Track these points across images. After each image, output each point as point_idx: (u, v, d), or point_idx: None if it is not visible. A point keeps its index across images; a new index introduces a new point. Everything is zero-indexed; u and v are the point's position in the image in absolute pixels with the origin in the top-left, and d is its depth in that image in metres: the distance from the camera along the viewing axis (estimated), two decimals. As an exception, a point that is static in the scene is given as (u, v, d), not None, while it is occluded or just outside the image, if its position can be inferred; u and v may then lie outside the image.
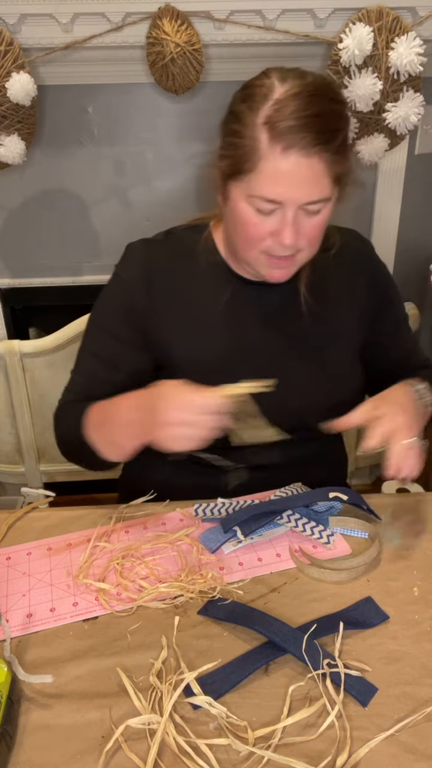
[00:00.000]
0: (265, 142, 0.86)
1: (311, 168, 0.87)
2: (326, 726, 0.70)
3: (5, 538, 0.98)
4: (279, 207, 0.90)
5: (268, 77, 0.89)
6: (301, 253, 0.96)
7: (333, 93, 0.90)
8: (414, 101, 1.64)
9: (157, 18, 1.57)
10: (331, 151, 0.87)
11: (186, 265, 1.06)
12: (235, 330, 1.06)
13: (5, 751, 0.68)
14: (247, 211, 0.91)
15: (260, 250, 0.95)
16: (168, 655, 0.78)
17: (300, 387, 1.07)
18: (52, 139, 1.78)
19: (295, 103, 0.85)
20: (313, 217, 0.92)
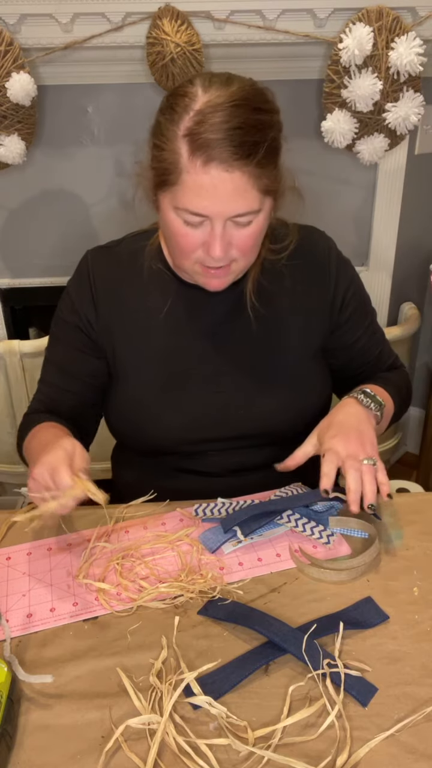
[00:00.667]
0: (186, 156, 0.84)
1: (233, 182, 0.84)
2: (326, 726, 0.70)
3: (5, 538, 0.98)
4: (206, 219, 0.88)
5: (193, 85, 0.86)
6: (236, 263, 0.94)
7: (259, 102, 0.86)
8: (414, 101, 1.64)
9: (157, 18, 1.57)
10: (254, 164, 0.84)
11: (132, 272, 1.06)
12: (180, 337, 1.05)
13: (5, 751, 0.68)
14: (176, 222, 0.90)
15: (193, 260, 0.94)
16: (168, 655, 0.78)
17: (250, 394, 1.06)
18: (52, 139, 1.78)
19: (216, 115, 0.82)
20: (244, 228, 0.90)
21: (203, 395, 1.05)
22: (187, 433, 1.06)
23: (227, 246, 0.90)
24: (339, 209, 1.91)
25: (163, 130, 0.87)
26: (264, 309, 1.04)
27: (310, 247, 1.07)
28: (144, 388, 1.06)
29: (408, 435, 2.42)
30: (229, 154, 0.82)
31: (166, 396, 1.06)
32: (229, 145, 0.82)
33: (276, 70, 1.71)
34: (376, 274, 2.01)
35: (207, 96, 0.84)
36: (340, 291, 1.08)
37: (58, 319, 1.11)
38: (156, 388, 1.06)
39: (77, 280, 1.09)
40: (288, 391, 1.07)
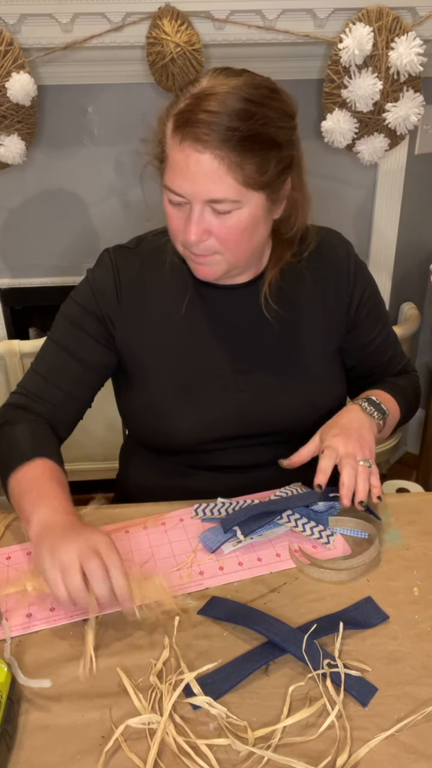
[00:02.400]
0: (169, 133, 0.88)
1: (205, 164, 0.86)
2: (326, 726, 0.70)
3: (5, 538, 0.98)
4: (186, 201, 0.90)
5: (204, 75, 0.90)
6: (220, 255, 0.94)
7: (256, 95, 0.87)
8: (414, 101, 1.64)
9: (157, 18, 1.57)
10: (227, 148, 0.84)
11: (153, 272, 1.06)
12: (199, 336, 1.06)
13: (5, 751, 0.68)
14: (166, 203, 0.93)
15: (181, 243, 0.95)
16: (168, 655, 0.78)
17: (266, 392, 1.07)
18: (52, 139, 1.78)
19: (206, 99, 0.85)
20: (223, 217, 0.90)
21: (221, 394, 1.06)
22: (205, 431, 1.06)
23: (203, 232, 0.91)
24: (339, 209, 1.91)
25: (166, 110, 0.91)
26: (282, 309, 1.05)
27: (329, 248, 1.09)
28: (163, 387, 1.06)
29: (408, 435, 2.42)
30: (202, 134, 0.85)
31: (185, 394, 1.06)
32: (204, 127, 0.84)
33: (276, 70, 1.70)
34: (376, 274, 1.99)
35: (209, 83, 0.88)
36: (357, 292, 1.10)
37: (75, 304, 1.07)
38: (175, 386, 1.06)
39: (101, 272, 1.07)
40: (305, 390, 1.08)
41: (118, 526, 0.99)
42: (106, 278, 1.06)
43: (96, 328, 1.06)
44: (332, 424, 1.01)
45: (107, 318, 1.05)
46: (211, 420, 1.06)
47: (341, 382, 1.14)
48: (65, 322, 1.08)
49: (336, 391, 1.12)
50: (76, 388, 1.07)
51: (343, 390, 1.15)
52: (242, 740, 0.69)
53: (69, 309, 1.09)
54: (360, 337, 1.13)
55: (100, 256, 1.09)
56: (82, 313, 1.06)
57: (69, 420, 1.09)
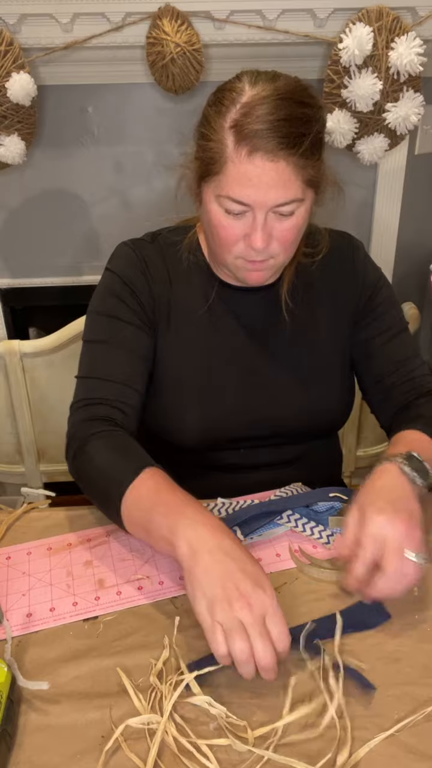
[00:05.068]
0: (231, 146, 0.87)
1: (277, 171, 0.86)
2: (326, 725, 0.70)
3: (5, 538, 0.98)
4: (248, 210, 0.89)
5: (240, 81, 0.90)
6: (277, 257, 0.95)
7: (304, 96, 0.89)
8: (414, 101, 1.64)
9: (157, 18, 1.57)
10: (298, 154, 0.86)
11: (170, 268, 1.06)
12: (216, 334, 1.06)
13: (5, 751, 0.68)
14: (218, 213, 0.92)
15: (235, 254, 0.95)
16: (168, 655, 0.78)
17: (281, 392, 1.07)
18: (52, 139, 1.78)
19: (262, 107, 0.85)
20: (286, 220, 0.91)
21: (237, 395, 1.06)
22: (219, 431, 1.07)
23: (268, 237, 0.91)
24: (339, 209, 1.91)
25: (210, 122, 0.90)
26: (298, 311, 1.06)
27: (343, 251, 1.10)
28: (180, 386, 1.06)
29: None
30: (275, 144, 0.85)
31: (199, 392, 1.06)
32: (274, 136, 0.84)
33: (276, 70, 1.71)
34: (376, 274, 2.01)
35: (254, 90, 0.87)
36: (366, 290, 1.10)
37: (107, 299, 1.03)
38: (192, 386, 1.06)
39: (128, 265, 1.04)
40: (319, 390, 1.08)
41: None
42: (135, 269, 1.04)
43: (135, 314, 1.03)
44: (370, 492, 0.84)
45: (141, 300, 1.03)
46: (226, 420, 1.06)
47: (350, 390, 1.14)
48: (102, 319, 1.03)
49: (344, 397, 1.13)
50: (131, 378, 1.00)
51: (351, 397, 1.15)
52: (242, 740, 0.68)
53: (102, 305, 1.04)
54: (367, 330, 1.10)
55: (117, 251, 1.07)
56: (116, 303, 1.02)
57: (133, 412, 1.00)
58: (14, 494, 2.20)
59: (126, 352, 1.01)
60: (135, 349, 1.02)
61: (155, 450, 1.14)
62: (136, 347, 1.02)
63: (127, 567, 0.91)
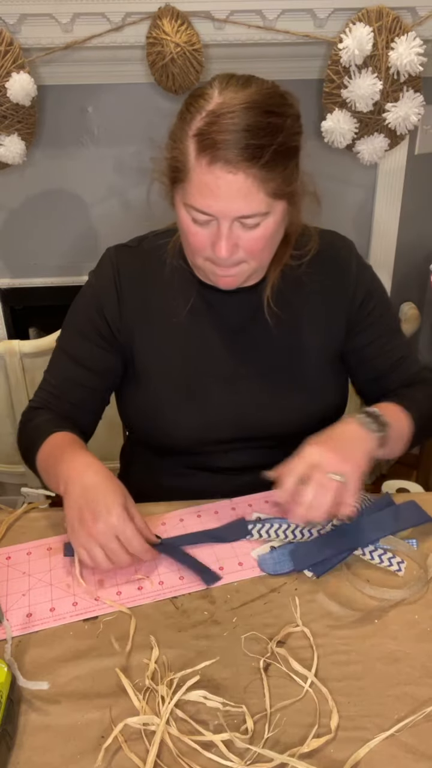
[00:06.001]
0: (193, 155, 0.86)
1: (237, 183, 0.84)
2: (325, 726, 0.70)
3: (5, 538, 0.98)
4: (213, 219, 0.89)
5: (211, 86, 0.87)
6: (246, 264, 0.94)
7: (273, 105, 0.86)
8: (414, 101, 1.64)
9: (157, 18, 1.57)
10: (258, 166, 0.84)
11: (154, 271, 1.06)
12: (200, 338, 1.06)
13: (5, 751, 0.68)
14: (186, 219, 0.91)
15: (204, 257, 0.94)
16: (167, 654, 0.78)
17: (264, 395, 1.06)
18: (52, 139, 1.78)
19: (226, 117, 0.83)
20: (252, 230, 0.90)
21: (221, 396, 1.06)
22: (204, 433, 1.06)
23: (233, 247, 0.90)
24: (339, 209, 1.91)
25: (176, 129, 0.89)
26: (283, 313, 1.05)
27: (331, 253, 1.08)
28: (164, 388, 1.06)
29: (408, 435, 2.42)
30: (234, 155, 0.83)
31: (185, 396, 1.06)
32: (234, 147, 0.83)
33: (276, 70, 1.71)
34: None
35: (221, 97, 0.85)
36: (360, 292, 1.08)
37: (79, 311, 1.09)
38: (176, 388, 1.06)
39: (101, 275, 1.07)
40: (304, 394, 1.07)
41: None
42: (106, 279, 1.06)
43: (100, 335, 1.06)
44: (322, 434, 0.94)
45: (109, 321, 1.06)
46: (210, 422, 1.06)
47: (340, 390, 1.13)
48: (70, 331, 1.10)
49: (334, 397, 1.11)
50: (88, 396, 1.10)
51: (341, 398, 1.13)
52: (242, 739, 0.68)
53: (73, 317, 1.10)
54: (363, 336, 1.10)
55: (102, 256, 1.09)
56: (85, 321, 1.07)
57: (87, 424, 1.12)
58: (14, 494, 2.20)
59: (84, 369, 1.08)
60: (93, 367, 1.08)
61: (144, 452, 1.15)
62: (95, 366, 1.08)
63: (127, 567, 0.91)
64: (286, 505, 0.88)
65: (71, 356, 1.09)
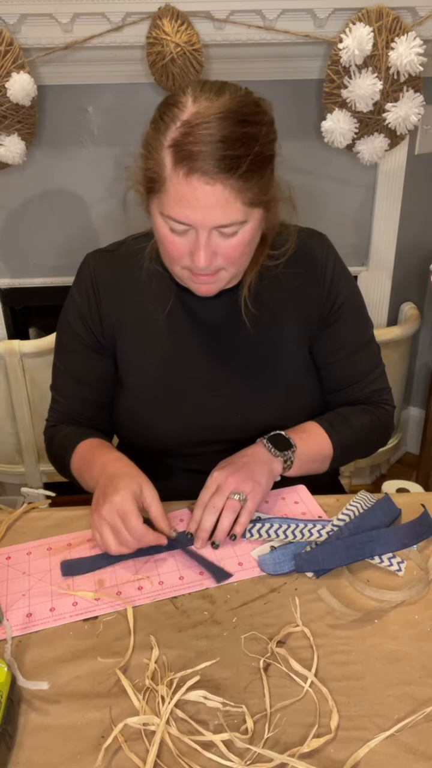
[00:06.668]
0: (169, 166, 0.85)
1: (215, 194, 0.84)
2: (325, 726, 0.70)
3: (5, 538, 0.98)
4: (190, 228, 0.88)
5: (185, 94, 0.87)
6: (225, 271, 0.94)
7: (247, 114, 0.85)
8: (414, 101, 1.64)
9: (157, 18, 1.57)
10: (235, 177, 0.83)
11: (132, 275, 1.06)
12: (178, 340, 1.06)
13: (5, 751, 0.68)
14: (163, 229, 0.91)
15: (181, 266, 0.94)
16: (167, 655, 0.78)
17: (245, 397, 1.07)
18: (52, 139, 1.78)
19: (201, 127, 0.82)
20: (229, 238, 0.90)
21: (201, 398, 1.06)
22: (187, 435, 1.07)
23: (212, 255, 0.90)
24: (339, 209, 1.91)
25: (150, 139, 0.88)
26: (261, 314, 1.04)
27: (308, 251, 1.06)
28: (145, 390, 1.07)
29: (408, 435, 2.42)
30: (211, 167, 0.82)
31: (166, 398, 1.06)
32: (211, 159, 0.82)
33: (276, 70, 1.71)
34: (376, 274, 2.01)
35: (195, 107, 0.84)
36: (333, 294, 1.07)
37: (66, 327, 1.11)
38: (156, 390, 1.07)
39: (80, 284, 1.09)
40: (281, 396, 1.07)
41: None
42: (84, 287, 1.08)
43: (89, 346, 1.09)
44: (229, 458, 1.01)
45: (93, 329, 1.07)
46: (191, 424, 1.06)
47: (317, 391, 1.12)
48: (62, 349, 1.13)
49: (312, 397, 1.11)
50: (97, 408, 1.13)
51: (318, 398, 1.13)
52: (242, 739, 0.68)
53: (62, 335, 1.13)
54: (331, 339, 1.09)
55: (80, 267, 1.10)
56: (72, 336, 1.10)
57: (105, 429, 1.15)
58: (14, 494, 2.20)
59: (83, 385, 1.11)
60: (91, 382, 1.11)
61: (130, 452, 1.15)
62: (92, 379, 1.11)
63: (127, 567, 0.91)
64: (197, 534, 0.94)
65: (70, 374, 1.12)
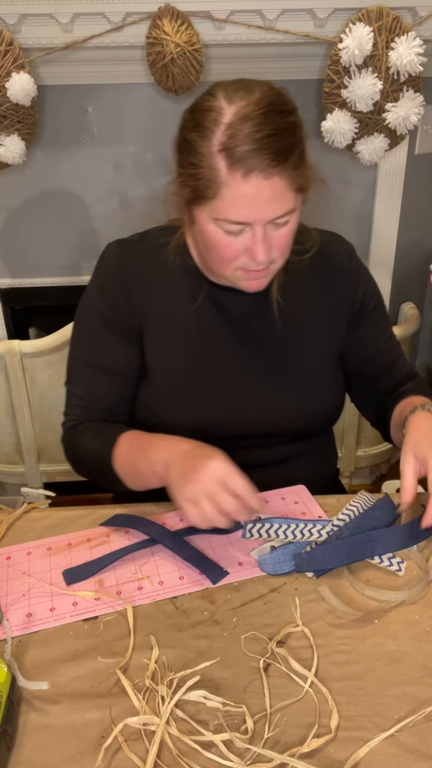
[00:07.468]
0: (224, 170, 0.85)
1: (273, 187, 0.86)
2: (325, 726, 0.70)
3: (5, 538, 0.98)
4: (246, 226, 0.89)
5: (215, 98, 0.87)
6: (275, 263, 0.96)
7: (283, 105, 0.87)
8: (414, 101, 1.64)
9: (157, 18, 1.57)
10: (291, 166, 0.86)
11: (159, 267, 1.06)
12: (204, 334, 1.06)
13: (5, 751, 0.68)
14: (216, 233, 0.91)
15: (234, 267, 0.95)
16: (167, 654, 0.78)
17: (271, 391, 1.07)
18: (52, 139, 1.78)
19: (248, 126, 0.83)
20: (282, 228, 0.91)
21: (223, 393, 1.06)
22: (204, 429, 1.06)
23: (268, 248, 0.91)
24: (339, 209, 1.91)
25: (195, 147, 0.88)
26: (288, 309, 1.06)
27: (332, 251, 1.09)
28: (166, 382, 1.06)
29: (408, 435, 2.42)
30: (267, 162, 0.84)
31: (187, 391, 1.06)
32: (265, 154, 0.84)
33: (276, 70, 1.71)
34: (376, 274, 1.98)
35: (233, 107, 0.85)
36: (359, 292, 1.10)
37: (92, 315, 1.07)
38: (178, 382, 1.06)
39: (107, 272, 1.07)
40: (304, 393, 1.08)
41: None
42: (112, 274, 1.06)
43: (117, 332, 1.05)
44: (417, 439, 0.94)
45: (122, 316, 1.05)
46: (212, 418, 1.06)
47: (340, 388, 1.14)
48: (85, 339, 1.08)
49: (335, 396, 1.13)
50: (117, 398, 1.08)
51: (341, 398, 1.15)
52: (242, 739, 0.68)
53: (84, 321, 1.08)
54: (362, 336, 1.12)
55: (103, 252, 1.08)
56: (97, 321, 1.06)
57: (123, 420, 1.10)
58: (14, 494, 2.20)
59: (110, 374, 1.07)
60: (118, 370, 1.07)
61: None
62: (119, 367, 1.07)
63: (127, 567, 0.91)
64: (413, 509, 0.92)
65: (93, 364, 1.07)
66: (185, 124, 0.91)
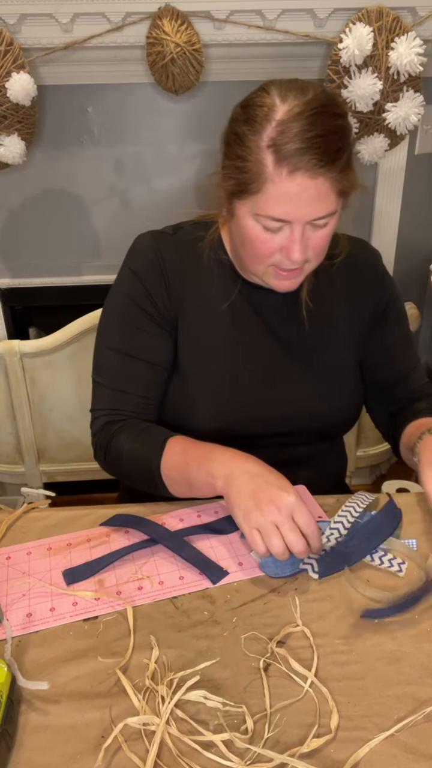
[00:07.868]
0: (271, 166, 0.86)
1: (317, 188, 0.87)
2: (325, 726, 0.70)
3: (5, 538, 0.98)
4: (286, 224, 0.90)
5: (269, 95, 0.88)
6: (309, 263, 0.97)
7: (335, 107, 0.89)
8: (414, 101, 1.64)
9: (157, 18, 1.57)
10: (337, 169, 0.87)
11: (192, 261, 1.06)
12: (236, 332, 1.06)
13: (5, 751, 0.68)
14: (255, 229, 0.92)
15: (268, 264, 0.95)
16: (167, 654, 0.78)
17: (297, 391, 1.08)
18: (52, 139, 1.78)
19: (299, 124, 0.85)
20: (320, 230, 0.93)
21: (255, 391, 1.07)
22: (226, 425, 1.06)
23: (305, 249, 0.92)
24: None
25: (244, 140, 0.89)
26: (317, 311, 1.07)
27: (361, 256, 1.12)
28: (198, 380, 1.06)
29: (408, 435, 2.42)
30: (314, 162, 0.85)
31: (218, 389, 1.06)
32: (314, 154, 0.85)
33: (276, 70, 1.71)
34: (376, 274, 2.01)
35: (286, 105, 0.86)
36: (384, 300, 1.12)
37: (122, 306, 1.05)
38: (207, 380, 1.06)
39: (144, 262, 1.05)
40: (331, 392, 1.10)
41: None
42: (150, 263, 1.05)
43: (154, 321, 1.04)
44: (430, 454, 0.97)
45: (160, 305, 1.04)
46: (238, 416, 1.06)
47: (360, 392, 1.16)
48: (120, 325, 1.06)
49: (357, 398, 1.14)
50: (150, 390, 1.06)
51: (361, 399, 1.16)
52: (242, 739, 0.68)
53: (120, 310, 1.06)
54: (381, 339, 1.13)
55: (136, 243, 1.07)
56: (134, 310, 1.04)
57: (152, 419, 1.07)
58: (14, 494, 2.20)
59: (145, 364, 1.05)
60: (154, 360, 1.05)
61: None
62: (155, 357, 1.05)
63: (127, 567, 0.91)
64: None
65: (128, 354, 1.04)
66: (236, 117, 0.92)
